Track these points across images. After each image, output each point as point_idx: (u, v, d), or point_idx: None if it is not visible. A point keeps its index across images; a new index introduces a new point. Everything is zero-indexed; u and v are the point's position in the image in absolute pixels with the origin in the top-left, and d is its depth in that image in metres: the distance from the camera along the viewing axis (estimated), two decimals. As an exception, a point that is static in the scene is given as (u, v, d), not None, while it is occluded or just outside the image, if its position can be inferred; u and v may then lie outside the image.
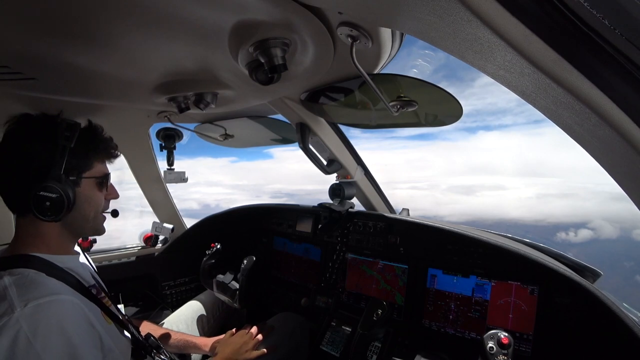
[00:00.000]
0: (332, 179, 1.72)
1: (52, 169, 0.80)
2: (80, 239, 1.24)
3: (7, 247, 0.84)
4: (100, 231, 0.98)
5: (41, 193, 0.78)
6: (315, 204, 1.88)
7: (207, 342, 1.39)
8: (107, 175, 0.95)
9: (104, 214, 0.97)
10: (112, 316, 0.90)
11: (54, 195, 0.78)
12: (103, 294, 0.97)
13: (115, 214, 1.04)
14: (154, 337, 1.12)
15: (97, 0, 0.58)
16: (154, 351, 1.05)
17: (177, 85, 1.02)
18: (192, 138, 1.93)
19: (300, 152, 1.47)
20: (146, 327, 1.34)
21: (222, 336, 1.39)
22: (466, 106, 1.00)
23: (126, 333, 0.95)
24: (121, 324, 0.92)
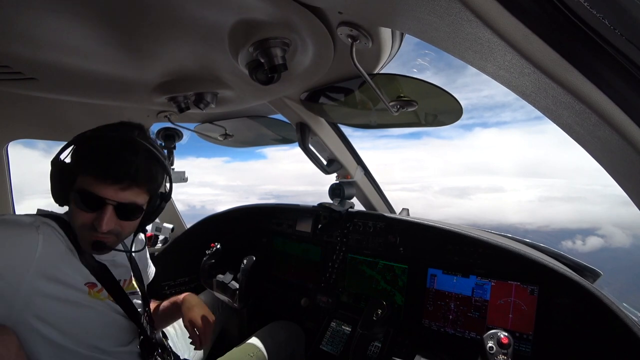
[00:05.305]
0: (325, 179, 1.72)
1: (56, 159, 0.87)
2: None
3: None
4: (85, 247, 0.88)
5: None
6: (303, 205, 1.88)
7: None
8: (86, 194, 0.81)
9: (87, 233, 0.85)
10: (120, 300, 0.94)
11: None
12: (127, 280, 1.03)
13: (95, 246, 0.86)
14: (163, 335, 1.12)
15: (96, 1, 0.58)
16: (158, 350, 1.06)
17: (177, 85, 1.02)
18: (184, 137, 1.93)
19: (294, 152, 1.47)
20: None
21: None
22: (461, 100, 1.00)
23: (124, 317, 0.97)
24: (128, 311, 0.97)
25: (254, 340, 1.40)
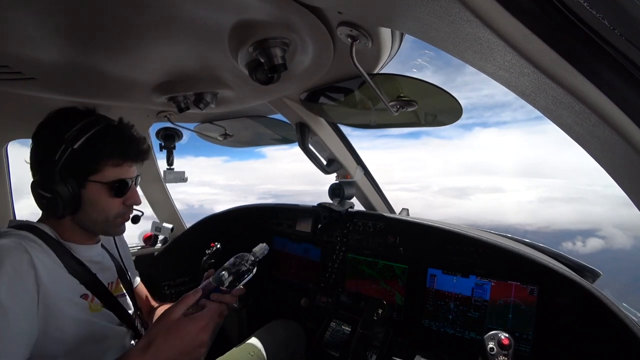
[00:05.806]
0: (324, 179, 1.71)
1: (51, 167, 0.80)
2: None
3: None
4: (113, 234, 0.97)
5: (39, 190, 0.81)
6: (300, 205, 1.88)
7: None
8: (121, 182, 0.87)
9: (120, 217, 0.91)
10: (111, 306, 0.91)
11: (48, 195, 0.79)
12: (113, 283, 1.00)
13: (135, 220, 0.99)
14: None
15: (96, 0, 0.58)
16: None
17: (176, 85, 1.02)
18: (184, 137, 1.92)
19: (293, 152, 1.47)
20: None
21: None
22: (460, 99, 1.00)
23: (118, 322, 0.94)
24: (120, 316, 0.93)
25: (253, 340, 1.40)
